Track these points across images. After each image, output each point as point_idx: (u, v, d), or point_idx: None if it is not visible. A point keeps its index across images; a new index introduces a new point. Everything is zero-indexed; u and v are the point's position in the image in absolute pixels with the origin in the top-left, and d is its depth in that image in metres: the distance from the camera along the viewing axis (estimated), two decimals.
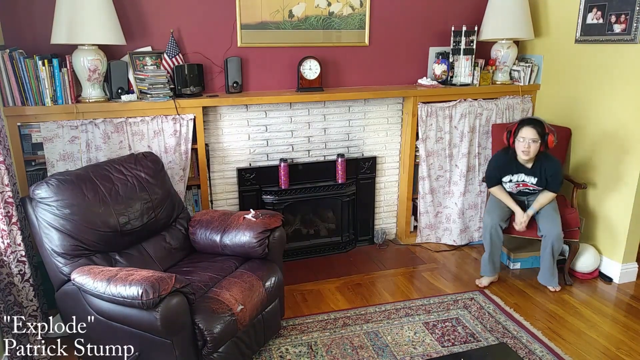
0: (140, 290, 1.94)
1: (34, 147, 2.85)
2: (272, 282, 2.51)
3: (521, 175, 3.14)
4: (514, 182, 3.16)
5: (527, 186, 3.15)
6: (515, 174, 3.14)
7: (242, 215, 2.69)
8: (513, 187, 3.19)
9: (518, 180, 3.15)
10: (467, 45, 3.60)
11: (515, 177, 3.15)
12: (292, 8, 3.36)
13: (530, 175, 3.11)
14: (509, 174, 3.16)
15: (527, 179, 3.13)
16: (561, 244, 3.15)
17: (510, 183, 3.18)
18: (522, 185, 3.16)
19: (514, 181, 3.16)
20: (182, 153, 3.12)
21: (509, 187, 3.21)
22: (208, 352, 2.16)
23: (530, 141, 3.00)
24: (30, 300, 2.44)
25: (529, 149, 3.00)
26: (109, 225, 2.40)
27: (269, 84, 3.46)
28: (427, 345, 2.66)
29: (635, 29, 3.05)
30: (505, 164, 3.17)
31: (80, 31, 2.69)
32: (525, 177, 3.13)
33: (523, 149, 3.02)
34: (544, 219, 3.13)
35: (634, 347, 2.65)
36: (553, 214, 3.12)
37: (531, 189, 3.16)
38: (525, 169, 3.12)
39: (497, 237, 3.15)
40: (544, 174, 3.09)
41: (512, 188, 3.20)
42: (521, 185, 3.16)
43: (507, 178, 3.17)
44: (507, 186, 3.21)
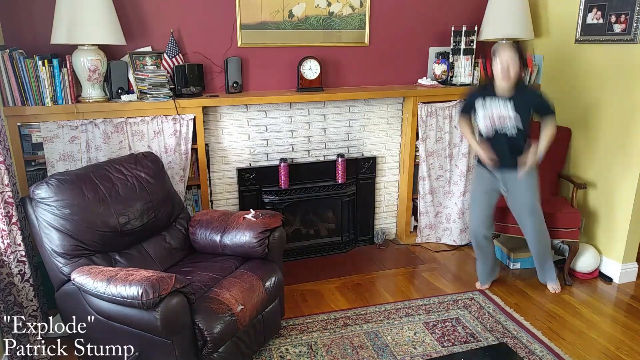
0: (140, 290, 1.94)
1: (34, 147, 2.85)
2: (272, 282, 2.51)
3: (497, 106, 2.80)
4: (488, 114, 2.82)
5: (503, 121, 2.80)
6: (489, 96, 2.82)
7: (242, 215, 2.69)
8: (488, 122, 2.84)
9: (493, 113, 2.80)
10: (467, 45, 3.60)
11: (488, 100, 2.81)
12: (292, 8, 3.36)
13: (508, 105, 2.79)
14: (480, 97, 2.85)
15: (504, 110, 2.78)
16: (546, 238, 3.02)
17: (483, 114, 2.84)
18: (499, 122, 2.81)
19: (487, 112, 2.82)
20: (182, 153, 3.12)
21: (482, 125, 2.87)
22: (208, 352, 2.16)
23: (508, 62, 2.71)
24: (30, 300, 2.44)
25: (508, 71, 2.71)
26: (109, 225, 2.40)
27: (269, 84, 3.46)
28: (427, 345, 2.66)
29: (635, 29, 3.05)
30: (481, 88, 2.95)
31: (80, 31, 2.69)
32: (502, 108, 2.79)
33: (502, 72, 2.73)
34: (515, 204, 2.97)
35: (634, 347, 2.65)
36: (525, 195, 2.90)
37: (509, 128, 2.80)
38: (503, 97, 2.80)
39: (484, 245, 3.10)
40: (526, 106, 2.80)
41: (487, 123, 2.84)
42: (497, 120, 2.81)
43: (479, 104, 2.85)
44: (480, 123, 2.88)
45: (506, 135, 2.83)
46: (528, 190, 2.92)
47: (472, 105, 2.93)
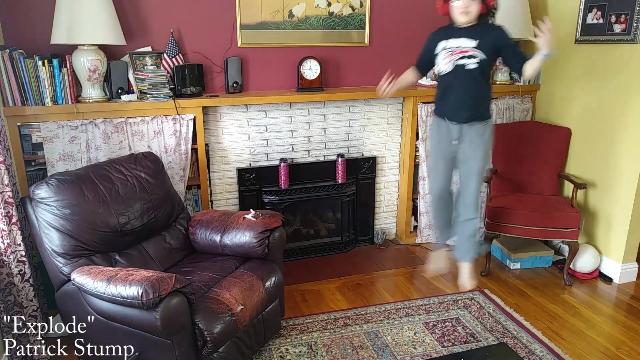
0: (140, 291, 1.94)
1: (34, 147, 2.85)
2: (272, 282, 2.51)
3: (458, 40, 2.61)
4: (447, 48, 2.64)
5: (465, 52, 2.60)
6: (450, 38, 2.64)
7: (242, 215, 2.69)
8: (447, 58, 2.64)
9: (453, 46, 2.62)
10: None
11: (451, 41, 2.63)
12: (292, 8, 3.36)
13: (469, 37, 2.60)
14: (442, 39, 2.66)
15: (465, 43, 2.60)
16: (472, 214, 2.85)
17: (444, 52, 2.65)
18: (459, 52, 2.60)
19: (447, 47, 2.64)
20: (182, 153, 3.12)
21: (442, 63, 2.67)
22: (208, 352, 2.16)
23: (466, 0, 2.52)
24: (30, 300, 2.44)
25: (467, 8, 2.52)
26: (109, 225, 2.40)
27: (269, 84, 3.46)
28: (427, 345, 2.66)
29: (635, 29, 3.05)
30: (441, 31, 2.72)
31: (80, 31, 2.68)
32: (463, 40, 2.60)
33: (461, 9, 2.53)
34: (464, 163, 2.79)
35: (634, 347, 2.65)
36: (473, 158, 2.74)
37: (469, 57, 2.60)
38: (463, 31, 2.62)
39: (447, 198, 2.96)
40: (488, 34, 2.61)
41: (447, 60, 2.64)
42: (457, 52, 2.61)
43: (440, 46, 2.66)
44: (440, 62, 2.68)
45: (465, 67, 2.60)
46: (481, 150, 2.75)
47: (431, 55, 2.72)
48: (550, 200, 3.39)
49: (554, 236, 3.23)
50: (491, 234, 3.34)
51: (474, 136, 2.74)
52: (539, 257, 3.53)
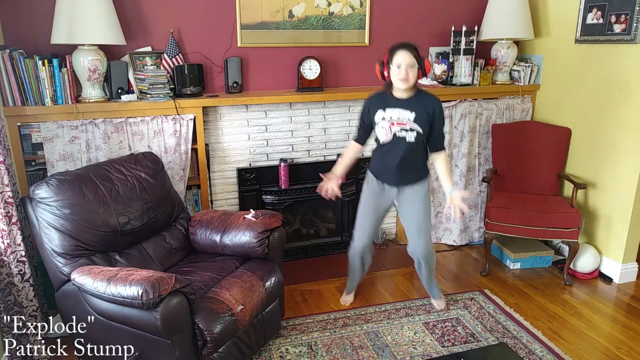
0: (140, 291, 1.94)
1: (34, 147, 2.85)
2: (272, 282, 2.51)
3: (396, 110, 2.59)
4: (387, 119, 2.60)
5: (403, 124, 2.58)
6: (387, 108, 2.61)
7: (242, 215, 2.69)
8: (387, 129, 2.61)
9: (392, 117, 2.60)
10: (467, 45, 3.60)
11: (389, 112, 2.60)
12: (292, 8, 3.36)
13: (407, 109, 2.58)
14: (380, 108, 2.62)
15: (404, 115, 2.58)
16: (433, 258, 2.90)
17: (383, 122, 2.61)
18: (397, 124, 2.59)
19: (387, 119, 2.60)
20: (182, 153, 3.12)
21: (382, 133, 2.64)
22: (208, 352, 2.16)
23: (407, 67, 2.50)
24: (30, 300, 2.44)
25: (407, 75, 2.50)
26: (109, 225, 2.40)
27: (269, 84, 3.46)
28: (427, 345, 2.66)
29: (635, 29, 3.05)
30: (377, 99, 2.66)
31: (80, 31, 2.69)
32: (401, 112, 2.58)
33: (400, 76, 2.50)
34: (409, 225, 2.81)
35: (634, 347, 2.65)
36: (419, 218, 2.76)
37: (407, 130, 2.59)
38: (401, 101, 2.60)
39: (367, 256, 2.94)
40: (425, 109, 2.59)
41: (386, 131, 2.62)
42: (396, 124, 2.60)
43: (378, 116, 2.62)
44: (380, 132, 2.65)
45: (405, 140, 2.61)
46: (421, 206, 2.76)
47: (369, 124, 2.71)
48: (550, 200, 3.39)
49: (554, 236, 3.23)
50: (491, 234, 3.34)
51: (412, 196, 2.76)
52: (539, 257, 3.53)
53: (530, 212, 3.21)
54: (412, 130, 2.60)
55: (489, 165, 3.82)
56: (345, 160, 2.83)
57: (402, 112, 2.59)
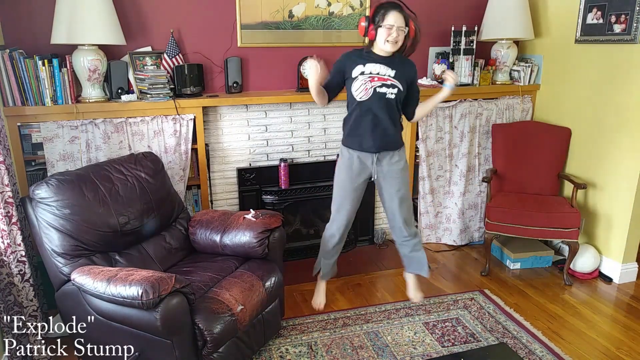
0: (140, 291, 1.94)
1: (34, 147, 2.85)
2: (272, 282, 2.51)
3: (377, 65, 2.50)
4: (366, 74, 2.50)
5: (384, 79, 2.51)
6: (367, 63, 2.52)
7: (242, 215, 2.69)
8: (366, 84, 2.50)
9: (372, 71, 2.50)
10: (467, 45, 3.60)
11: (370, 66, 2.50)
12: (292, 8, 3.36)
13: (388, 65, 2.51)
14: (359, 63, 2.52)
15: (384, 70, 2.51)
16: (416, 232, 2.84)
17: (362, 76, 2.50)
18: (378, 79, 2.50)
19: (366, 73, 2.50)
20: (182, 153, 3.12)
21: (360, 88, 2.52)
22: (208, 352, 2.16)
23: (398, 29, 2.42)
24: (30, 300, 2.44)
25: (397, 37, 2.43)
26: (109, 225, 2.40)
27: (269, 84, 3.46)
28: (427, 345, 2.66)
29: (635, 29, 3.05)
30: (356, 54, 2.56)
31: (80, 31, 2.69)
32: (382, 67, 2.51)
33: (391, 38, 2.42)
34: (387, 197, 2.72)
35: (634, 347, 2.65)
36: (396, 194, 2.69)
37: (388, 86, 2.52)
38: (382, 58, 2.53)
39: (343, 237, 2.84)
40: (404, 70, 2.55)
41: (366, 86, 2.51)
42: (376, 78, 2.50)
43: (357, 70, 2.51)
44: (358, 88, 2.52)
45: (384, 96, 2.52)
46: (401, 176, 2.70)
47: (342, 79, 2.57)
48: (550, 200, 3.39)
49: (554, 236, 3.23)
50: (491, 234, 3.34)
51: (393, 164, 2.67)
52: (539, 257, 3.54)
53: (530, 212, 3.21)
54: (393, 87, 2.52)
55: (489, 165, 3.83)
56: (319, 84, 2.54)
57: (383, 67, 2.51)
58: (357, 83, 2.52)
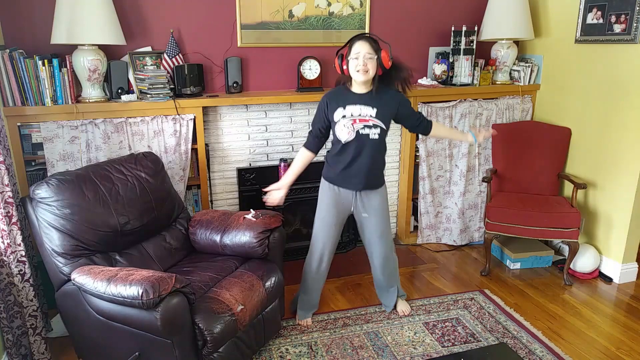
0: (140, 290, 1.94)
1: (34, 147, 2.85)
2: (272, 282, 2.51)
3: (357, 107, 2.47)
4: (347, 117, 2.47)
5: (366, 121, 2.47)
6: (348, 105, 2.48)
7: (242, 215, 2.69)
8: (348, 127, 2.48)
9: (353, 113, 2.47)
10: (467, 45, 3.60)
11: (350, 109, 2.47)
12: (292, 8, 3.36)
13: (368, 105, 2.47)
14: (340, 106, 2.49)
15: (365, 111, 2.47)
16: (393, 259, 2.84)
17: (344, 120, 2.48)
18: (360, 121, 2.47)
19: (347, 116, 2.47)
20: (182, 153, 3.12)
21: (343, 132, 2.49)
22: (208, 352, 2.16)
23: (365, 57, 2.39)
24: (30, 300, 2.44)
25: (366, 66, 2.39)
26: (109, 225, 2.40)
27: (269, 84, 3.46)
28: (427, 345, 2.66)
29: (635, 29, 3.05)
30: (335, 97, 2.53)
31: (80, 31, 2.69)
32: (362, 108, 2.47)
33: (358, 67, 2.39)
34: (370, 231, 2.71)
35: (634, 347, 2.65)
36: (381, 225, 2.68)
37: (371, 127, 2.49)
38: (361, 97, 2.49)
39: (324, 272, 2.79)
40: (387, 105, 2.51)
41: (348, 129, 2.48)
42: (358, 121, 2.47)
43: (338, 114, 2.48)
44: (341, 131, 2.50)
45: (368, 137, 2.50)
46: (382, 213, 2.69)
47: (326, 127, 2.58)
48: (550, 200, 3.39)
49: (554, 236, 3.23)
50: (491, 234, 3.34)
51: (372, 200, 2.66)
52: (539, 257, 3.54)
53: (530, 212, 3.21)
54: (376, 127, 2.49)
55: (489, 165, 3.83)
56: (295, 169, 2.65)
57: (363, 108, 2.48)
58: (339, 126, 2.50)
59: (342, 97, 2.51)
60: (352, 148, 2.53)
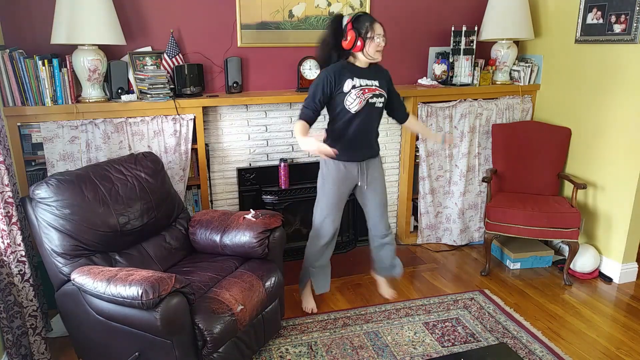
0: (140, 291, 1.94)
1: (34, 147, 2.85)
2: (272, 282, 2.51)
3: (364, 80, 2.59)
4: (357, 87, 2.56)
5: (374, 90, 2.60)
6: (354, 77, 2.57)
7: (242, 215, 2.69)
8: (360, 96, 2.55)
9: (362, 84, 2.58)
10: (467, 45, 3.60)
11: (358, 80, 2.57)
12: (292, 8, 3.36)
13: (372, 78, 2.62)
14: (348, 78, 2.56)
15: (371, 82, 2.61)
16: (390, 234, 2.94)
17: (354, 90, 2.55)
18: (369, 91, 2.59)
19: (357, 86, 2.56)
20: (182, 153, 3.12)
21: (355, 102, 2.56)
22: (208, 352, 2.16)
23: (383, 38, 2.56)
24: (30, 300, 2.44)
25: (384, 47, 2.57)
26: (109, 225, 2.40)
27: (269, 84, 3.46)
28: (427, 345, 2.66)
29: (635, 29, 3.05)
30: (343, 70, 2.58)
31: (80, 31, 2.69)
32: (368, 80, 2.61)
33: (380, 47, 2.55)
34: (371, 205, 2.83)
35: (634, 347, 2.65)
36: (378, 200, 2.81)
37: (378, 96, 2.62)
38: (365, 71, 2.62)
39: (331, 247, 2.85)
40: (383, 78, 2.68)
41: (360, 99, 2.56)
42: (366, 90, 2.58)
43: (348, 85, 2.55)
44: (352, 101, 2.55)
45: (374, 106, 2.63)
46: (382, 183, 2.85)
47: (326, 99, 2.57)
48: (550, 200, 3.39)
49: (554, 236, 3.23)
50: (491, 234, 3.34)
51: (374, 170, 2.80)
52: (539, 257, 3.54)
53: (530, 212, 3.21)
54: (381, 96, 2.65)
55: (489, 165, 3.83)
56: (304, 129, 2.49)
57: (369, 80, 2.62)
58: (351, 96, 2.56)
59: (350, 70, 2.60)
60: (360, 118, 2.62)
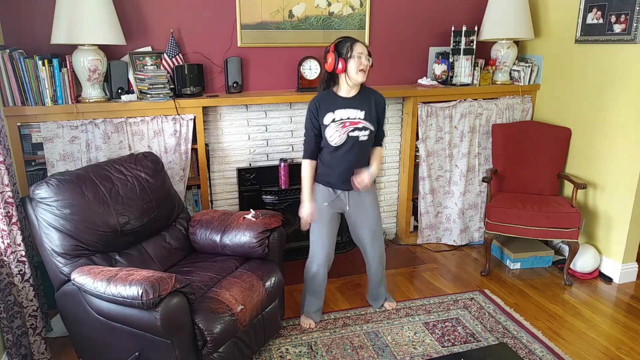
0: (140, 290, 1.94)
1: (34, 147, 2.85)
2: (272, 282, 2.51)
3: (346, 111, 2.50)
4: (337, 121, 2.49)
5: (356, 123, 2.50)
6: (337, 109, 2.50)
7: (242, 215, 2.69)
8: (339, 131, 2.49)
9: (342, 117, 2.49)
10: (467, 45, 3.60)
11: (339, 112, 2.49)
12: (292, 8, 3.36)
13: (356, 108, 2.51)
14: (329, 110, 2.50)
15: (354, 114, 2.50)
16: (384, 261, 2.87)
17: (334, 124, 2.49)
18: (350, 124, 2.50)
19: (337, 120, 2.49)
20: (182, 153, 3.12)
21: (334, 135, 2.50)
22: (208, 352, 2.16)
23: (366, 57, 2.43)
24: (30, 300, 2.44)
25: (366, 66, 2.44)
26: (109, 225, 2.40)
27: (269, 84, 3.46)
28: (427, 345, 2.66)
29: (635, 29, 3.05)
30: (322, 102, 2.52)
31: (80, 31, 2.69)
32: (351, 111, 2.50)
33: (361, 67, 2.42)
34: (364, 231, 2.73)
35: (634, 347, 2.65)
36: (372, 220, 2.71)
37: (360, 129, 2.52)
38: (349, 100, 2.51)
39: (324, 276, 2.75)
40: (372, 105, 2.54)
41: (339, 132, 2.50)
42: (347, 123, 2.49)
43: (328, 118, 2.49)
44: (332, 135, 2.51)
45: (357, 139, 2.53)
46: (373, 210, 2.72)
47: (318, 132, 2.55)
48: (550, 200, 3.39)
49: (554, 236, 3.23)
50: (491, 234, 3.34)
51: (364, 199, 2.69)
52: (539, 257, 3.54)
53: (530, 212, 3.21)
54: (365, 129, 2.53)
55: (489, 165, 3.83)
56: (309, 182, 2.62)
57: (352, 111, 2.51)
58: (330, 130, 2.51)
59: (331, 102, 2.52)
60: (342, 151, 2.55)
